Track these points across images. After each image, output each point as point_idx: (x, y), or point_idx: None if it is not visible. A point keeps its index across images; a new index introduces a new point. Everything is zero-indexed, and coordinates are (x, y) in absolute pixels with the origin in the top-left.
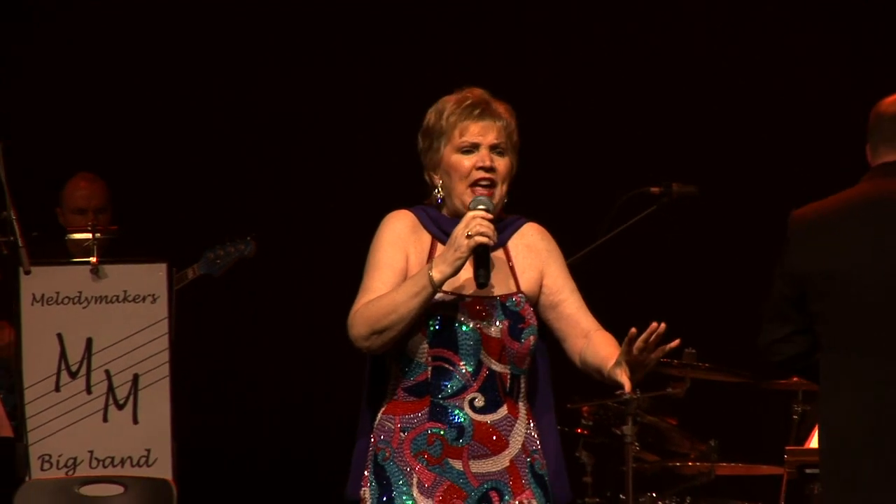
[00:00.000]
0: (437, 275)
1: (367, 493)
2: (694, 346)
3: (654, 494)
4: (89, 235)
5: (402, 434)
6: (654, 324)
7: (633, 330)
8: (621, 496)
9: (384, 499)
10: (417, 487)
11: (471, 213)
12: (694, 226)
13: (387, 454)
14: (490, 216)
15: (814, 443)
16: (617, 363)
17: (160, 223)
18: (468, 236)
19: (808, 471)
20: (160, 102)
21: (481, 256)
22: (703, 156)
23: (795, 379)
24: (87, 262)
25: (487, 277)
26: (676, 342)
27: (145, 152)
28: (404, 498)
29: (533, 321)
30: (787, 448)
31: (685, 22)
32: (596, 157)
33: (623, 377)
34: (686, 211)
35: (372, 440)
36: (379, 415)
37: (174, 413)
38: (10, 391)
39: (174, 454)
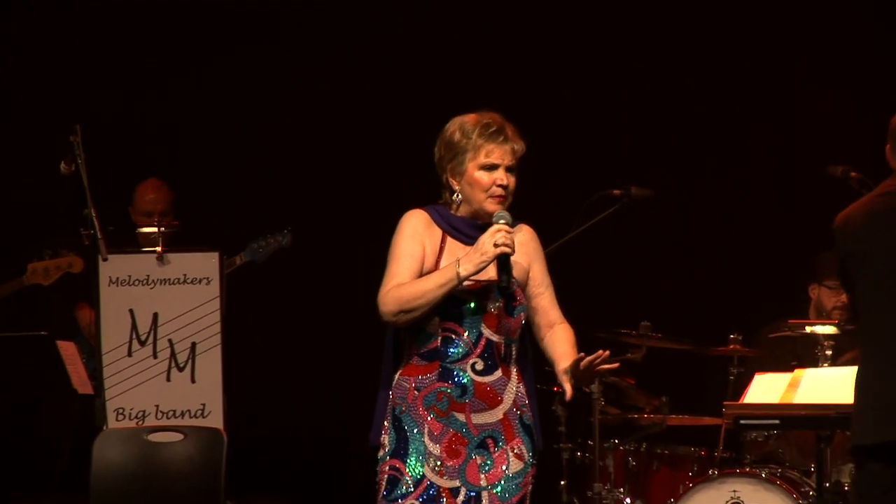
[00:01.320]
0: (463, 272)
1: (386, 439)
2: (649, 319)
3: (616, 441)
4: (155, 229)
5: (415, 392)
6: (601, 351)
7: (582, 354)
8: (589, 442)
9: (401, 443)
10: (428, 435)
11: (496, 227)
12: (648, 223)
13: (403, 408)
14: (511, 229)
15: (747, 398)
16: (565, 371)
17: (213, 219)
18: (495, 245)
19: (742, 421)
20: (213, 116)
21: (504, 263)
22: (658, 163)
23: (731, 347)
24: (154, 252)
25: (509, 281)
26: (616, 365)
27: (201, 159)
28: (417, 444)
29: (523, 301)
30: (725, 403)
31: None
32: (568, 164)
33: (567, 385)
34: (642, 210)
35: (391, 396)
36: (396, 376)
37: (225, 374)
38: (91, 357)
39: (224, 408)
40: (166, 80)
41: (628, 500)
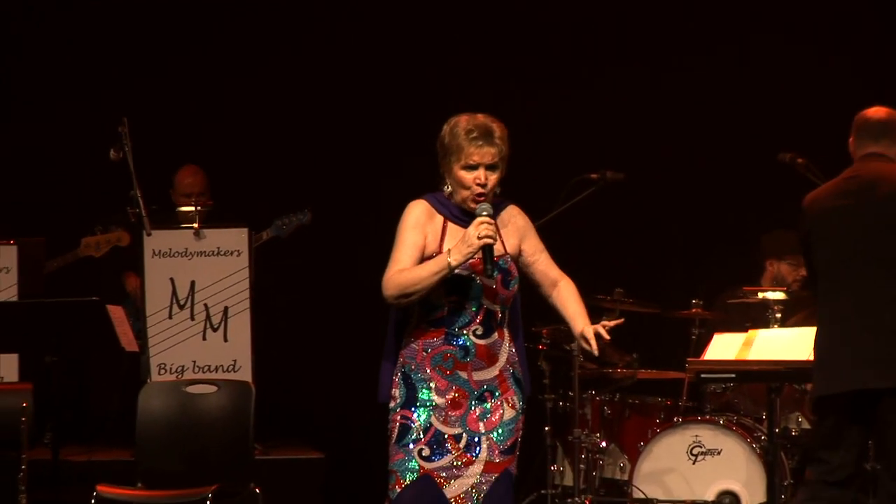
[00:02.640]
0: (453, 262)
1: (397, 392)
2: (622, 287)
3: (593, 392)
4: (193, 209)
5: (424, 353)
6: (606, 336)
7: (605, 326)
8: (570, 393)
9: (410, 397)
10: (435, 390)
11: (479, 219)
12: (621, 203)
13: (412, 367)
14: (492, 221)
15: (707, 355)
16: (582, 335)
17: (243, 199)
18: (479, 237)
19: (702, 375)
20: (243, 109)
21: (487, 252)
22: (631, 149)
23: (694, 310)
24: (192, 228)
25: (493, 270)
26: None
27: (233, 147)
28: (424, 397)
29: (516, 274)
30: (688, 359)
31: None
32: (551, 151)
33: (592, 344)
34: (616, 191)
35: (400, 357)
36: (406, 339)
37: (253, 334)
38: (137, 319)
39: (253, 364)
40: (202, 78)
41: (604, 443)
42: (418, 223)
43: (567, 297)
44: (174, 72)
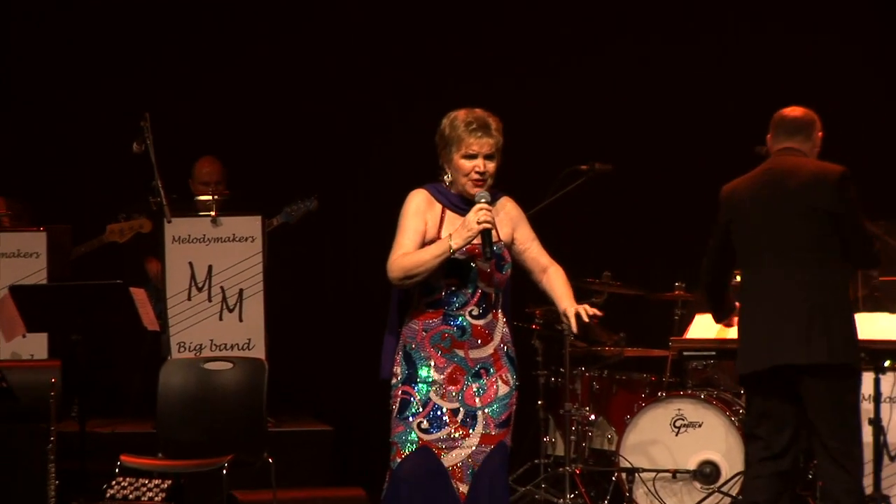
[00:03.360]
0: (454, 245)
1: (398, 369)
2: (610, 270)
3: (583, 368)
4: (210, 197)
5: (423, 332)
6: (596, 314)
7: (586, 308)
8: (561, 370)
9: (411, 373)
10: (434, 368)
11: (478, 206)
12: (610, 192)
13: (413, 346)
14: (490, 207)
15: (689, 334)
16: (564, 313)
17: (256, 189)
18: (478, 223)
19: (685, 353)
20: (256, 104)
21: (486, 236)
22: (619, 141)
23: (677, 293)
24: (209, 215)
25: (491, 253)
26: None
27: (246, 140)
28: (424, 374)
29: (509, 259)
30: (671, 338)
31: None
32: (544, 144)
33: (572, 322)
34: (604, 182)
35: (402, 337)
36: (406, 320)
37: (266, 315)
38: (158, 301)
39: (266, 342)
40: (218, 75)
41: (592, 416)
42: (419, 210)
43: (555, 281)
44: (192, 69)
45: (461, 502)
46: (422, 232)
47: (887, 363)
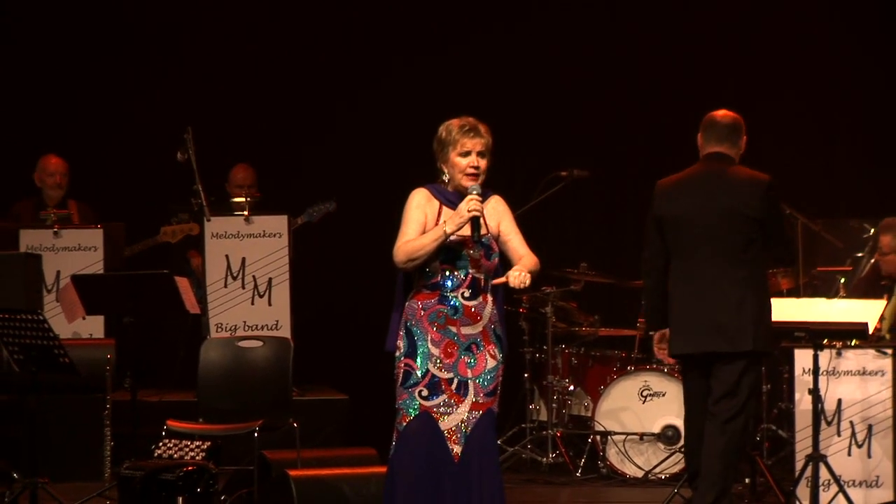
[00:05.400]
0: (448, 230)
1: (401, 343)
2: (586, 261)
3: (563, 346)
4: (244, 199)
5: (422, 311)
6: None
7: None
8: (544, 347)
9: (412, 347)
10: (430, 342)
11: (469, 196)
12: (586, 195)
13: (413, 322)
14: (480, 198)
15: None
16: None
17: (283, 192)
18: (469, 210)
19: (650, 332)
20: (286, 118)
21: (476, 222)
22: (595, 148)
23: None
24: (243, 215)
25: (479, 237)
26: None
27: (276, 149)
28: (423, 348)
29: (496, 249)
30: (639, 320)
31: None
32: (528, 151)
33: (501, 280)
34: (581, 186)
35: (404, 314)
36: (408, 299)
37: (292, 300)
38: (199, 288)
39: (292, 323)
40: (253, 92)
41: (571, 387)
42: (420, 205)
43: (523, 261)
44: (230, 87)
45: (455, 462)
46: (423, 223)
47: (825, 341)
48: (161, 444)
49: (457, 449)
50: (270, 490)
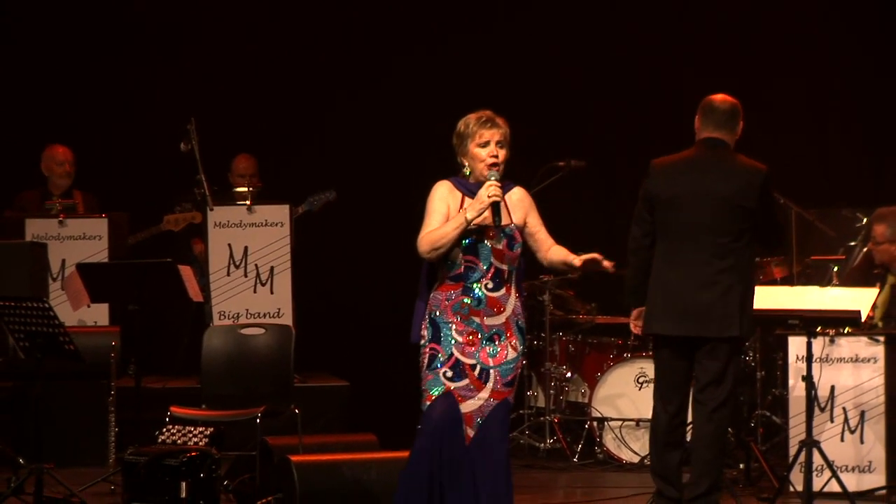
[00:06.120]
0: (469, 216)
1: (426, 333)
2: (585, 250)
3: (560, 333)
4: (246, 189)
5: (446, 302)
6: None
7: (599, 258)
8: (542, 334)
9: (436, 334)
10: (455, 331)
11: (488, 183)
12: (583, 186)
13: (437, 313)
14: (499, 184)
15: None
16: (577, 258)
17: (284, 181)
18: (488, 196)
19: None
20: (287, 110)
21: (496, 209)
22: (592, 141)
23: None
24: (245, 204)
25: (500, 221)
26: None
27: (277, 140)
28: (447, 335)
29: (520, 240)
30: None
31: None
32: (526, 142)
33: (581, 259)
34: (578, 176)
35: (428, 305)
36: (432, 291)
37: (294, 287)
38: (202, 276)
39: (294, 311)
40: (255, 84)
41: (569, 374)
42: (443, 197)
43: (559, 249)
44: (232, 78)
45: (466, 444)
46: (446, 214)
47: (818, 329)
48: (164, 429)
49: (470, 432)
50: (272, 475)
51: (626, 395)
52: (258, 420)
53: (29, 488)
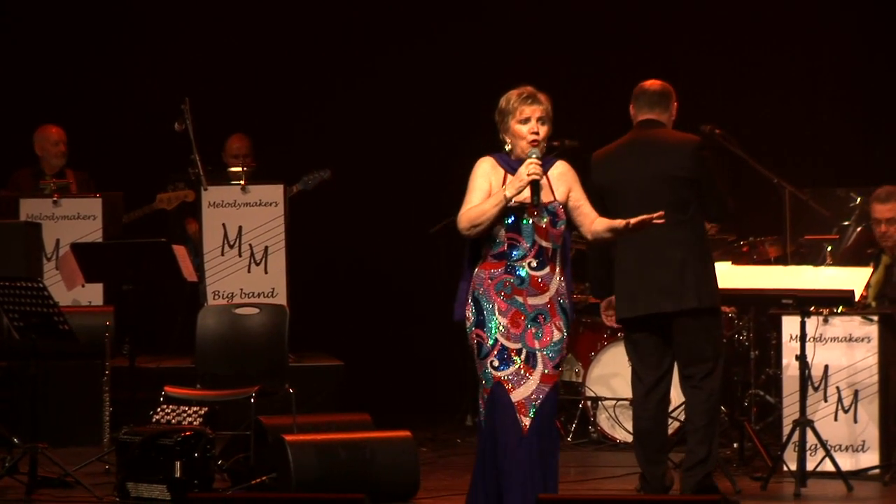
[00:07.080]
0: (508, 194)
1: (469, 312)
2: (576, 233)
3: None
4: (240, 169)
5: (489, 280)
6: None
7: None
8: None
9: (480, 316)
10: (497, 311)
11: (528, 161)
12: (574, 165)
13: (480, 291)
14: (540, 162)
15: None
16: (626, 222)
17: (278, 161)
18: (528, 174)
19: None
20: (283, 88)
21: (535, 186)
22: (583, 121)
23: None
24: (239, 184)
25: (538, 200)
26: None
27: (272, 119)
28: (490, 317)
29: (563, 217)
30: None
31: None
32: None
33: (632, 222)
34: (572, 156)
35: (472, 284)
36: (476, 269)
37: (288, 267)
38: (196, 256)
39: (288, 291)
40: (250, 61)
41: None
42: (485, 173)
43: (602, 220)
44: (226, 58)
45: (524, 433)
46: (487, 191)
47: (812, 308)
48: (159, 409)
49: (526, 421)
50: (267, 455)
51: (619, 375)
52: (252, 400)
53: (23, 468)
